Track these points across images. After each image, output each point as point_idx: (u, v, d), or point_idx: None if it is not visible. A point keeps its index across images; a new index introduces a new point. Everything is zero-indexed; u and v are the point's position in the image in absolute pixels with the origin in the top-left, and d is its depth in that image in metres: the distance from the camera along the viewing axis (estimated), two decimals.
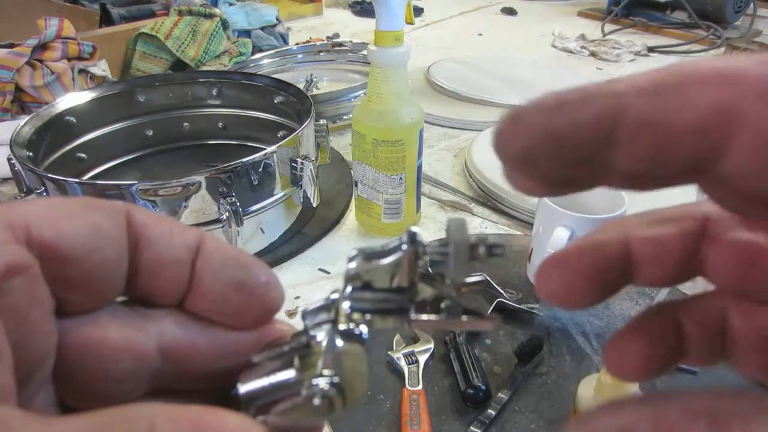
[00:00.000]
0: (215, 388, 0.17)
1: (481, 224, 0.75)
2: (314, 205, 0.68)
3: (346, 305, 0.15)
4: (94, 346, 0.14)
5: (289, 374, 0.15)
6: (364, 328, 0.15)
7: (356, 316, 0.15)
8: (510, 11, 1.92)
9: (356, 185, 0.69)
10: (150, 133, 0.84)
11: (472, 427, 0.45)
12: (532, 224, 0.62)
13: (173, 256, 0.16)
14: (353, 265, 0.15)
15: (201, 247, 0.16)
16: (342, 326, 0.15)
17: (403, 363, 0.51)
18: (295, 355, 0.15)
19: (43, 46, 0.97)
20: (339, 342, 0.15)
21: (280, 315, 0.17)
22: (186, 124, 0.86)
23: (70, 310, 0.14)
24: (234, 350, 0.17)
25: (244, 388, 0.16)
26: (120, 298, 0.16)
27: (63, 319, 0.14)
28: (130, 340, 0.15)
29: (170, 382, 0.16)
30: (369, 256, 0.15)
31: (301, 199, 0.67)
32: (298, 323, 0.17)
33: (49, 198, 0.17)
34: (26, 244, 0.13)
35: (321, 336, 0.15)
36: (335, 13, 1.92)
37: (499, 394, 0.48)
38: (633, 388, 0.35)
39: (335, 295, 0.16)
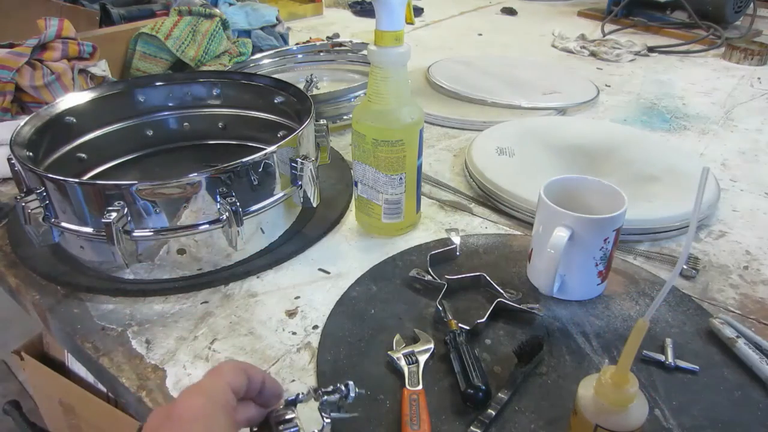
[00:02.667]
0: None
1: (481, 224, 0.75)
2: (314, 205, 0.68)
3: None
4: (241, 410, 0.39)
5: (292, 415, 0.39)
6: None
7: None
8: (510, 11, 1.92)
9: (356, 185, 0.69)
10: (150, 133, 0.84)
11: (472, 427, 0.45)
12: (532, 224, 0.62)
13: (258, 388, 0.40)
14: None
15: (265, 381, 0.40)
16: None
17: (403, 363, 0.51)
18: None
19: (43, 46, 0.97)
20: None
21: (281, 315, 0.19)
22: (186, 124, 0.86)
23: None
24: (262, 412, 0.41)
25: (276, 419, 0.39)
26: None
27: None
28: (247, 410, 0.40)
29: None
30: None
31: (301, 199, 0.67)
32: (296, 323, 0.18)
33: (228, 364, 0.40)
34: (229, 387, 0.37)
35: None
36: (335, 13, 1.92)
37: (499, 394, 0.48)
38: (633, 388, 0.35)
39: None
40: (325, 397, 0.40)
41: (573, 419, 0.40)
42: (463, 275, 0.61)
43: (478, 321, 0.54)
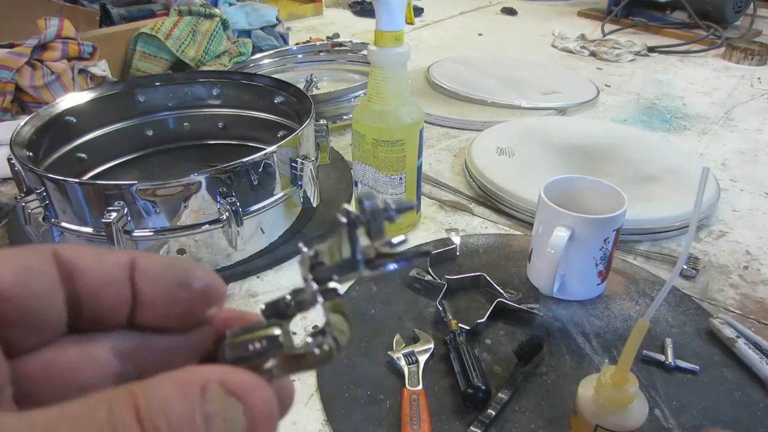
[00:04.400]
0: None
1: (481, 224, 0.75)
2: (314, 205, 0.68)
3: (311, 280, 0.18)
4: (55, 365, 0.16)
5: (275, 332, 0.17)
6: (338, 285, 0.18)
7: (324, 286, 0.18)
8: (510, 11, 1.92)
9: (356, 185, 0.69)
10: (150, 133, 0.84)
11: (472, 427, 0.45)
12: (532, 224, 0.62)
13: (108, 277, 0.17)
14: (309, 251, 0.18)
15: (135, 264, 0.18)
16: (317, 286, 0.18)
17: (403, 363, 0.51)
18: (277, 324, 0.18)
19: (43, 46, 0.97)
20: (321, 299, 0.18)
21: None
22: (186, 124, 0.86)
23: (22, 348, 0.16)
24: (198, 345, 0.19)
25: (231, 353, 0.18)
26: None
27: (20, 357, 0.16)
28: (86, 352, 0.17)
29: None
30: (319, 241, 0.18)
31: (301, 199, 0.67)
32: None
33: None
34: None
35: (286, 324, 0.18)
36: (335, 13, 1.92)
37: (499, 394, 0.48)
38: (633, 388, 0.35)
39: (288, 297, 0.19)
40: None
41: (573, 419, 0.40)
42: (463, 275, 0.61)
43: (478, 321, 0.54)
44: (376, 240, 0.18)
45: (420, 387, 0.48)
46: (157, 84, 0.82)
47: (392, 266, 0.18)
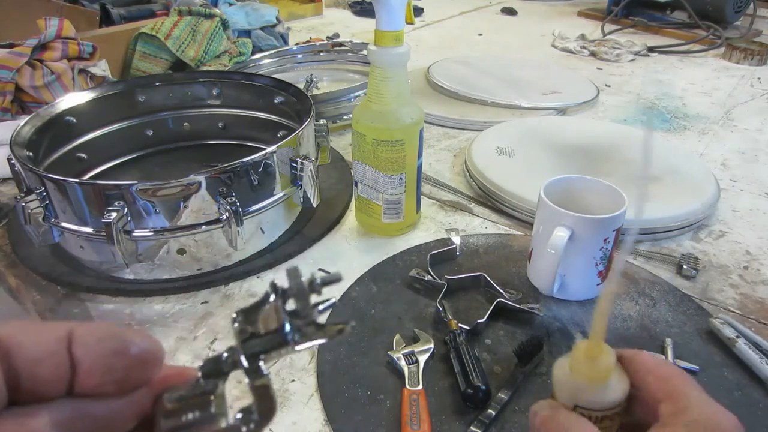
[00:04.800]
0: None
1: (481, 224, 0.75)
2: (314, 205, 0.68)
3: (241, 355, 0.19)
4: None
5: (208, 411, 0.19)
6: (263, 365, 0.19)
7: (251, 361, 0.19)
8: (510, 11, 1.92)
9: (356, 185, 0.69)
10: (150, 133, 0.84)
11: (472, 427, 0.45)
12: (532, 224, 0.62)
13: (45, 351, 0.17)
14: (237, 325, 0.19)
15: (72, 335, 0.18)
16: (246, 367, 0.19)
17: (403, 363, 0.51)
18: (208, 397, 0.19)
19: (43, 46, 0.97)
20: (247, 379, 0.19)
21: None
22: (186, 124, 0.86)
23: None
24: (137, 408, 0.20)
25: (167, 424, 0.19)
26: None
27: None
28: (24, 427, 0.17)
29: None
30: (248, 312, 0.20)
31: (301, 199, 0.67)
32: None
33: None
34: None
35: (221, 383, 0.20)
36: (335, 13, 1.92)
37: (499, 394, 0.48)
38: (609, 358, 0.33)
39: (225, 354, 0.20)
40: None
41: (550, 404, 0.39)
42: (463, 275, 0.61)
43: (478, 321, 0.54)
44: (303, 311, 0.19)
45: (420, 387, 0.48)
46: (157, 84, 0.82)
47: (319, 341, 0.19)
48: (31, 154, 0.64)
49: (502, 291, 0.59)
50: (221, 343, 0.56)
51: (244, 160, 0.59)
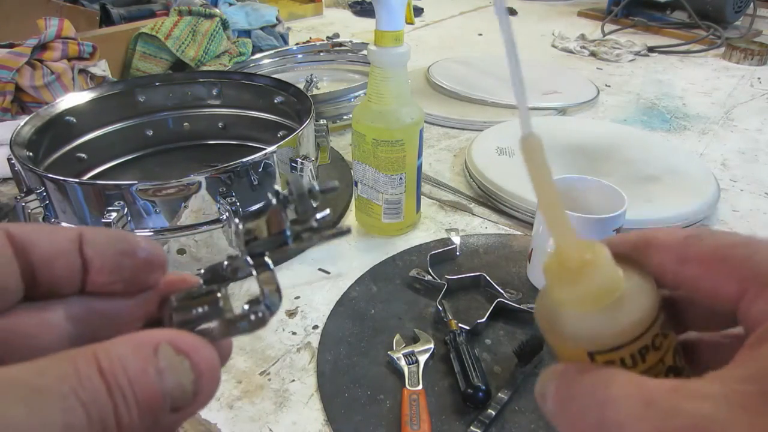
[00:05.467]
0: None
1: (482, 224, 0.75)
2: (314, 205, 0.68)
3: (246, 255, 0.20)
4: (13, 330, 0.18)
5: (217, 305, 0.20)
6: (268, 260, 0.20)
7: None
8: (510, 11, 1.92)
9: (356, 185, 0.69)
10: (150, 133, 0.84)
11: (472, 427, 0.45)
12: (532, 224, 0.62)
13: (58, 249, 0.19)
14: (241, 226, 0.20)
15: (83, 237, 0.19)
16: (251, 261, 0.20)
17: (403, 363, 0.51)
18: (215, 294, 0.20)
19: (43, 46, 0.97)
20: (254, 271, 0.20)
21: (281, 315, 0.21)
22: (186, 124, 0.86)
23: None
24: (143, 308, 0.21)
25: (178, 317, 0.20)
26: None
27: None
28: (41, 317, 0.19)
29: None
30: (250, 217, 0.20)
31: None
32: (296, 323, 0.19)
33: None
34: None
35: (224, 288, 0.21)
36: (335, 13, 1.92)
37: (499, 394, 0.48)
38: (599, 266, 0.19)
39: (226, 263, 0.21)
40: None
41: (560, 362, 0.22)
42: (463, 275, 0.61)
43: (478, 321, 0.54)
44: (303, 216, 0.20)
45: (420, 387, 0.48)
46: (157, 84, 0.82)
47: (316, 240, 0.20)
48: (31, 154, 0.64)
49: (502, 291, 0.59)
50: None
51: (244, 160, 0.59)
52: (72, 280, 0.19)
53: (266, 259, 0.20)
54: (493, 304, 0.56)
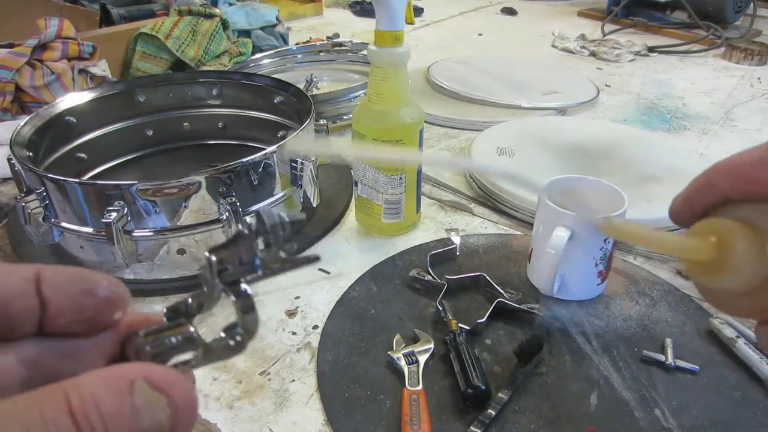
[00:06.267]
0: None
1: (481, 224, 0.75)
2: (314, 205, 0.68)
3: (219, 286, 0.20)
4: None
5: (189, 329, 0.20)
6: (245, 285, 0.20)
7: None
8: (510, 11, 1.92)
9: (356, 185, 0.69)
10: (150, 133, 0.84)
11: (472, 427, 0.45)
12: (532, 224, 0.62)
13: (13, 291, 0.18)
14: (213, 257, 0.20)
15: (40, 276, 0.18)
16: (227, 287, 0.20)
17: (403, 363, 0.51)
18: (185, 325, 0.20)
19: (43, 46, 0.97)
20: (233, 298, 0.20)
21: (281, 315, 0.21)
22: (186, 124, 0.86)
23: None
24: (104, 349, 0.20)
25: (152, 349, 0.20)
26: None
27: None
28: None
29: None
30: (219, 249, 0.20)
31: (301, 199, 0.67)
32: (296, 323, 0.19)
33: None
34: None
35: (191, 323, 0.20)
36: (335, 13, 1.92)
37: (499, 394, 0.48)
38: (726, 233, 0.27)
39: (190, 300, 0.21)
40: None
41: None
42: (463, 275, 0.61)
43: (478, 321, 0.54)
44: (272, 248, 0.20)
45: (420, 387, 0.48)
46: (157, 84, 0.83)
47: (285, 269, 0.20)
48: (31, 154, 0.64)
49: (502, 291, 0.59)
50: None
51: (244, 160, 0.59)
52: (29, 322, 0.18)
53: (242, 285, 0.20)
54: (493, 304, 0.56)
